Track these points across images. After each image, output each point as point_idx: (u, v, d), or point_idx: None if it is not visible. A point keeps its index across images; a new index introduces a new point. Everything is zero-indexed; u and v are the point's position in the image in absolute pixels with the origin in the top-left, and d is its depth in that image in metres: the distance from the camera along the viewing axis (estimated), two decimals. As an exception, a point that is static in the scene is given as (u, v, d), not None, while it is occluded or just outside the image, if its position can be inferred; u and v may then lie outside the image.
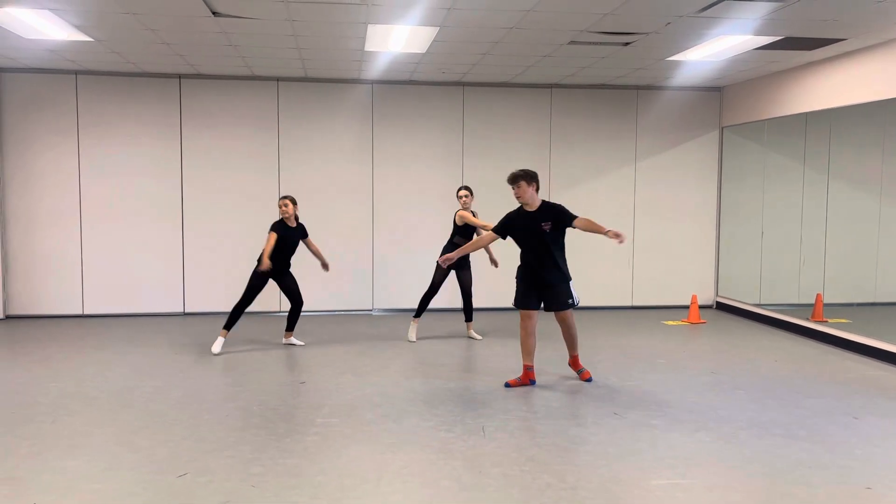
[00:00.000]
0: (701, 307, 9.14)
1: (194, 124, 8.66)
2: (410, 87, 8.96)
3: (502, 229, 5.70)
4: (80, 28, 6.27)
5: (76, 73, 8.37)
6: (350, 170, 8.97)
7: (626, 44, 6.75)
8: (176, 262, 8.75)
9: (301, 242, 6.89)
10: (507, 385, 5.58)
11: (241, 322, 6.92)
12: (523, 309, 5.64)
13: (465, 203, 7.23)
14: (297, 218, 6.86)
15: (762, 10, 5.50)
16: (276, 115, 8.79)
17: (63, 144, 8.45)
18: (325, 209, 8.91)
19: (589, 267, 9.43)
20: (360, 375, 5.94)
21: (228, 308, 6.81)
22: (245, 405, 5.07)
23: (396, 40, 6.66)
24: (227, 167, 8.75)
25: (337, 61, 7.69)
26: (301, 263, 7.13)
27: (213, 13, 5.74)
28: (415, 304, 7.61)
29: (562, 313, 5.68)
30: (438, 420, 4.75)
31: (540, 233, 5.51)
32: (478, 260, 7.78)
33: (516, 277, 5.72)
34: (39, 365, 6.24)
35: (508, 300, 5.93)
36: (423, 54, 7.25)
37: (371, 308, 9.09)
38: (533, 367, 5.67)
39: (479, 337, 7.50)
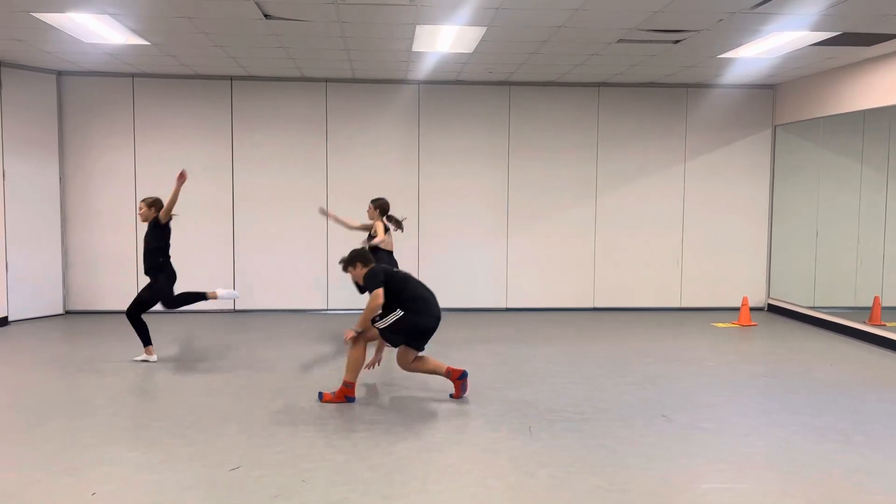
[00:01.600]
0: (752, 309, 8.95)
1: (245, 125, 8.83)
2: (457, 87, 8.98)
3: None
4: (137, 32, 6.45)
5: (133, 76, 8.61)
6: (396, 170, 9.04)
7: (677, 41, 6.66)
8: (227, 261, 8.94)
9: None
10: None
11: (293, 321, 7.01)
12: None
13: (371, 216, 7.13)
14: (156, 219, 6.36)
15: (819, 5, 5.36)
16: (325, 116, 8.91)
17: (120, 145, 8.71)
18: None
19: (637, 268, 9.34)
20: (405, 374, 5.97)
21: (277, 306, 6.90)
22: (294, 401, 5.15)
23: (444, 40, 6.69)
24: (277, 167, 8.90)
25: (385, 62, 7.76)
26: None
27: (265, 16, 5.84)
28: (458, 303, 7.63)
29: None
30: (484, 419, 4.76)
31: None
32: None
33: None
34: (98, 359, 6.44)
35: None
36: (471, 54, 7.27)
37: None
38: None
39: None
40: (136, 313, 6.26)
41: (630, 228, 9.28)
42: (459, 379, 5.26)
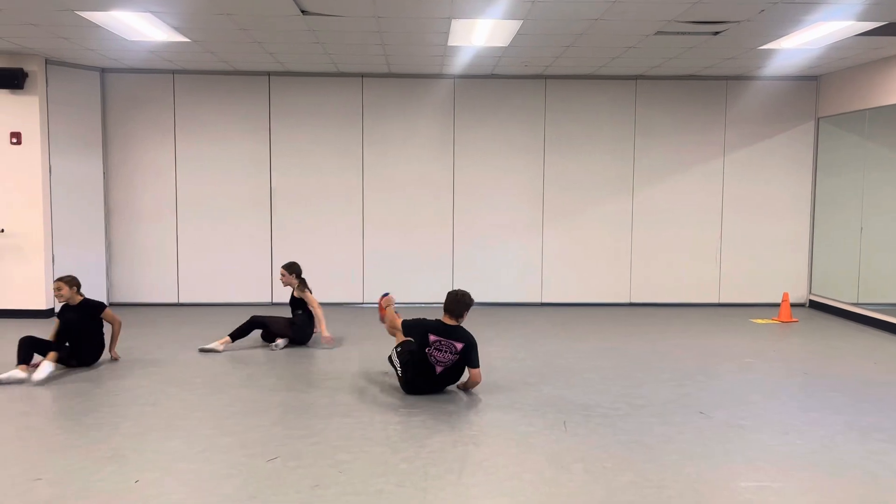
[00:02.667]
0: (792, 305, 8.79)
1: (282, 120, 8.93)
2: (492, 80, 8.96)
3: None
4: (178, 29, 6.56)
5: (173, 72, 8.77)
6: (431, 164, 9.05)
7: (716, 33, 6.54)
8: (265, 253, 9.06)
9: None
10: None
11: (329, 315, 7.06)
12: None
13: (284, 282, 7.00)
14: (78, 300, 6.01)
15: (865, -6, 5.23)
16: (361, 111, 8.96)
17: (161, 141, 8.88)
18: (407, 203, 9.04)
19: (674, 263, 9.23)
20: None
21: (319, 299, 6.96)
22: (330, 393, 5.21)
23: (479, 34, 6.68)
24: (314, 162, 8.98)
25: (420, 56, 7.77)
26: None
27: (302, 11, 5.90)
28: (492, 298, 7.65)
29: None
30: (519, 414, 4.76)
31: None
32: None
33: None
34: (140, 350, 6.59)
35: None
36: (506, 48, 7.24)
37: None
38: None
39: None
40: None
41: (667, 223, 9.17)
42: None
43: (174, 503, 3.40)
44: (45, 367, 5.53)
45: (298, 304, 6.97)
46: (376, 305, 7.97)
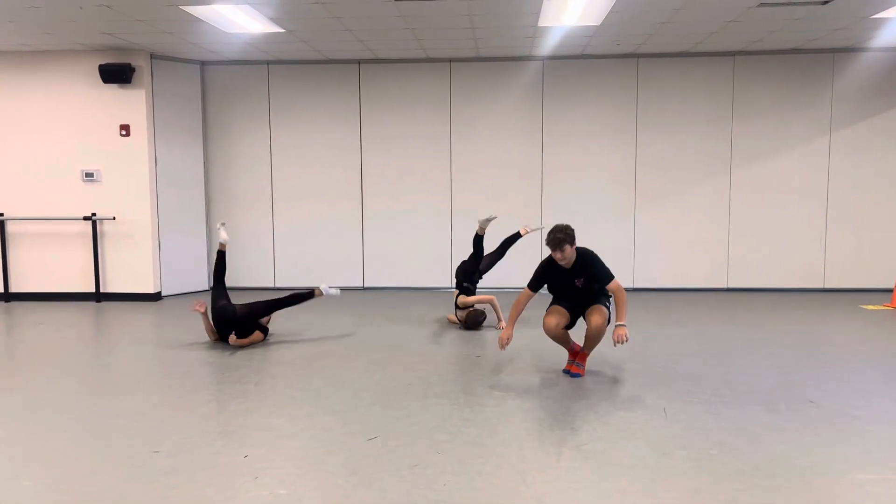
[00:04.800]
0: (907, 291, 8.28)
1: (372, 107, 9.05)
2: (582, 61, 8.78)
3: (539, 284, 5.24)
4: (273, 20, 6.74)
5: (268, 63, 9.02)
6: (520, 148, 8.98)
7: (825, 2, 6.19)
8: (356, 238, 9.24)
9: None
10: (567, 372, 5.26)
11: (420, 298, 7.12)
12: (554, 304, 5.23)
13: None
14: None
15: None
16: (449, 95, 8.97)
17: (256, 130, 9.17)
18: (495, 187, 9.01)
19: (775, 246, 8.85)
20: (533, 352, 5.98)
21: (404, 283, 7.00)
22: (425, 375, 5.26)
23: (571, 13, 6.55)
24: (403, 147, 9.07)
25: (510, 38, 7.70)
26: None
27: (395, -2, 5.94)
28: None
29: (601, 323, 5.09)
30: (617, 399, 4.68)
31: (575, 287, 5.12)
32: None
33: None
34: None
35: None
36: (598, 27, 7.08)
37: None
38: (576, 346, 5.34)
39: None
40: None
41: (768, 204, 8.78)
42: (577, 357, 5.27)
43: (283, 477, 3.52)
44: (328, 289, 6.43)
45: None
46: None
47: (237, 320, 6.22)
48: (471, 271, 7.02)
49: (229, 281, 9.29)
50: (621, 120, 8.85)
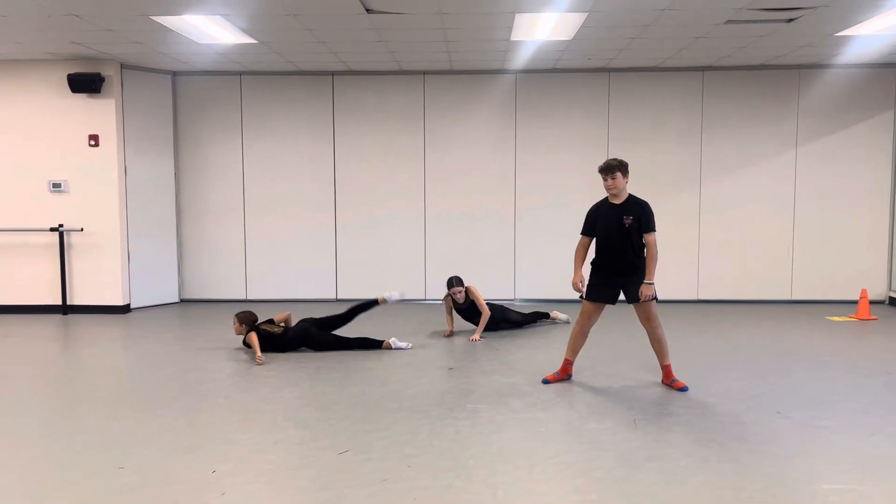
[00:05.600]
0: (871, 302, 8.44)
1: (346, 119, 9.04)
2: (554, 75, 8.87)
3: (591, 227, 5.37)
4: (246, 31, 6.71)
5: (241, 73, 8.98)
6: (493, 160, 9.03)
7: (791, 20, 6.32)
8: (329, 249, 9.20)
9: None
10: (545, 381, 5.36)
11: (393, 310, 7.10)
12: (591, 301, 5.28)
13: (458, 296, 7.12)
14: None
15: (954, -26, 4.97)
16: (423, 108, 9.00)
17: (229, 141, 9.11)
18: (469, 199, 9.05)
19: (744, 259, 8.98)
20: (507, 364, 5.99)
21: (377, 295, 6.96)
22: (398, 389, 5.24)
23: (543, 28, 6.62)
24: (377, 160, 9.07)
25: (482, 52, 7.75)
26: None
27: (367, 10, 5.95)
28: (556, 294, 7.61)
29: (647, 310, 5.16)
30: (588, 411, 4.70)
31: (621, 225, 5.15)
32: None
33: (591, 272, 5.36)
34: (212, 345, 6.77)
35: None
36: (570, 41, 7.16)
37: (513, 297, 9.11)
38: (573, 363, 5.45)
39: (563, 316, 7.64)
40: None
41: (736, 218, 8.92)
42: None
43: (251, 492, 3.47)
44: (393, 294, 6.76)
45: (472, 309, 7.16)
46: (439, 302, 8.01)
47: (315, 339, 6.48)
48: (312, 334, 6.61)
49: (198, 293, 9.27)
50: (593, 133, 8.94)
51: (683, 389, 5.18)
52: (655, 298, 5.17)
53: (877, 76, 8.64)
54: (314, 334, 6.47)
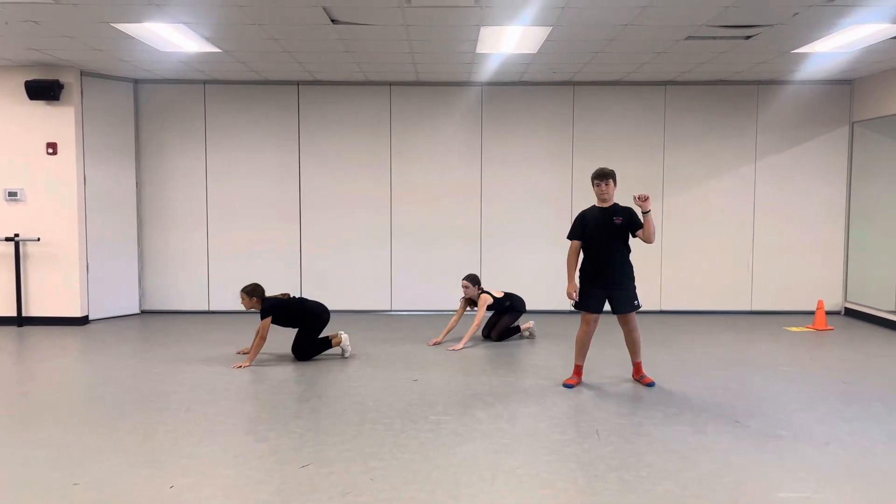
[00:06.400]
0: (827, 313, 8.64)
1: (311, 129, 9.00)
2: (520, 87, 8.95)
3: (580, 231, 5.60)
4: (210, 40, 6.65)
5: (204, 82, 8.88)
6: (459, 171, 9.06)
7: (748, 37, 6.48)
8: (294, 261, 9.12)
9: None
10: (567, 385, 5.60)
11: (358, 322, 7.08)
12: (587, 312, 5.58)
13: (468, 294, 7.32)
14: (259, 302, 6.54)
15: (903, -5, 5.14)
16: (389, 119, 9.00)
17: (192, 150, 8.99)
18: (435, 210, 9.05)
19: (705, 270, 9.12)
20: (471, 375, 5.99)
21: (343, 307, 6.96)
22: (361, 400, 5.21)
23: (508, 41, 6.67)
24: (342, 171, 9.03)
25: (448, 64, 7.79)
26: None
27: (333, 21, 5.94)
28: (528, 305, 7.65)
29: (626, 316, 5.60)
30: (551, 422, 4.72)
31: (612, 227, 5.46)
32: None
33: (580, 281, 5.62)
34: (173, 357, 6.66)
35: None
36: (535, 54, 7.23)
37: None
38: (582, 366, 5.72)
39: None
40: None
41: (697, 230, 9.07)
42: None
43: (209, 509, 3.41)
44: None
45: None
46: (405, 313, 8.01)
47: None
48: None
49: (159, 304, 9.10)
50: (558, 145, 9.02)
51: (651, 385, 5.62)
52: (638, 307, 5.58)
53: (832, 92, 8.89)
54: (299, 339, 6.59)
